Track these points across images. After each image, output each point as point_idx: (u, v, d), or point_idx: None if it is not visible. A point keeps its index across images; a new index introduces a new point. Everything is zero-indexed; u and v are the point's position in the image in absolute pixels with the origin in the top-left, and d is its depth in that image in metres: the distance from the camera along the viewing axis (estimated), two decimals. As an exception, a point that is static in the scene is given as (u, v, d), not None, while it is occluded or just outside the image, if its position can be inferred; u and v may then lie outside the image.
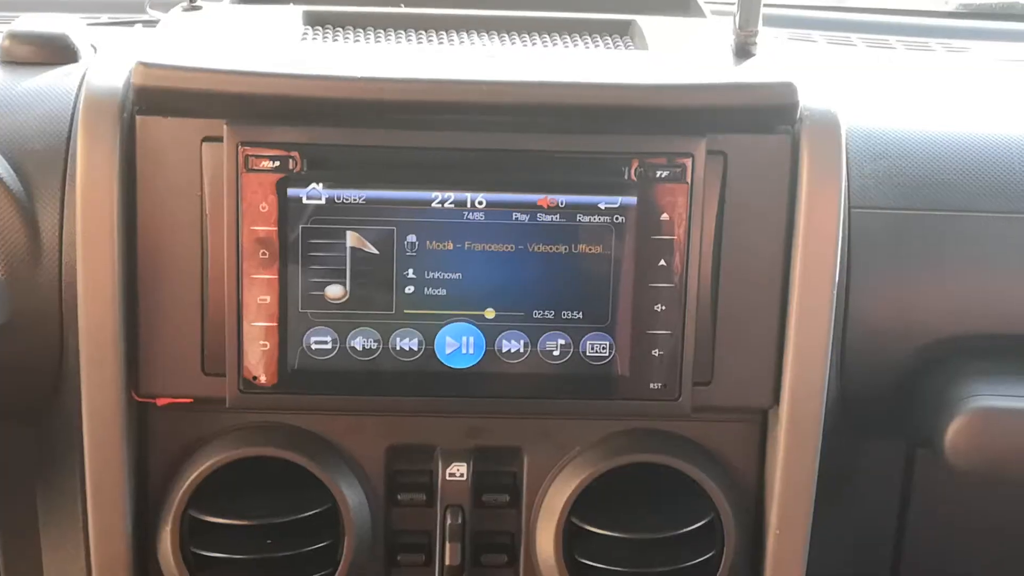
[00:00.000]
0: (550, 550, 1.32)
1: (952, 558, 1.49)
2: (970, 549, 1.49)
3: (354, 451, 1.33)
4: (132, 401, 1.28)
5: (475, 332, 1.26)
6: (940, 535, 1.48)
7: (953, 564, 1.49)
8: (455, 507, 1.34)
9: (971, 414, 1.26)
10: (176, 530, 1.29)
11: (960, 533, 1.48)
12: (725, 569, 1.31)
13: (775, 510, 1.31)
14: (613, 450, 1.32)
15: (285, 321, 1.25)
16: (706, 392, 1.30)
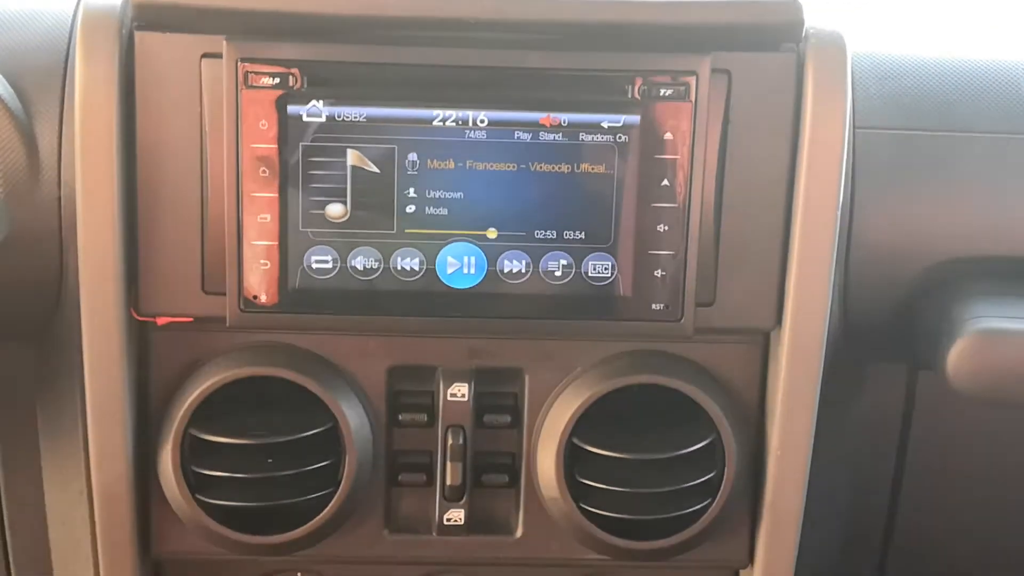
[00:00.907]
0: (551, 470, 1.32)
1: (953, 478, 1.49)
2: (970, 470, 1.49)
3: (355, 371, 1.33)
4: (132, 320, 1.28)
5: (476, 252, 1.26)
6: (941, 457, 1.48)
7: (954, 484, 1.49)
8: (456, 427, 1.34)
9: (974, 336, 1.26)
10: (177, 449, 1.29)
11: (961, 454, 1.49)
12: (726, 490, 1.32)
13: (776, 431, 1.31)
14: (615, 371, 1.32)
15: (285, 240, 1.24)
16: (708, 313, 1.29)
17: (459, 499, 1.35)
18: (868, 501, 1.48)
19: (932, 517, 1.51)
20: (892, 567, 1.52)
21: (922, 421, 1.45)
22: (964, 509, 1.51)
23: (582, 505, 1.32)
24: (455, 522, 1.36)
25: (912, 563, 1.53)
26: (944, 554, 1.55)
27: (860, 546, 1.51)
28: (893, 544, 1.50)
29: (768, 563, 1.36)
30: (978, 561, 1.55)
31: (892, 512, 1.49)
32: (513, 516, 1.38)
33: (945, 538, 1.52)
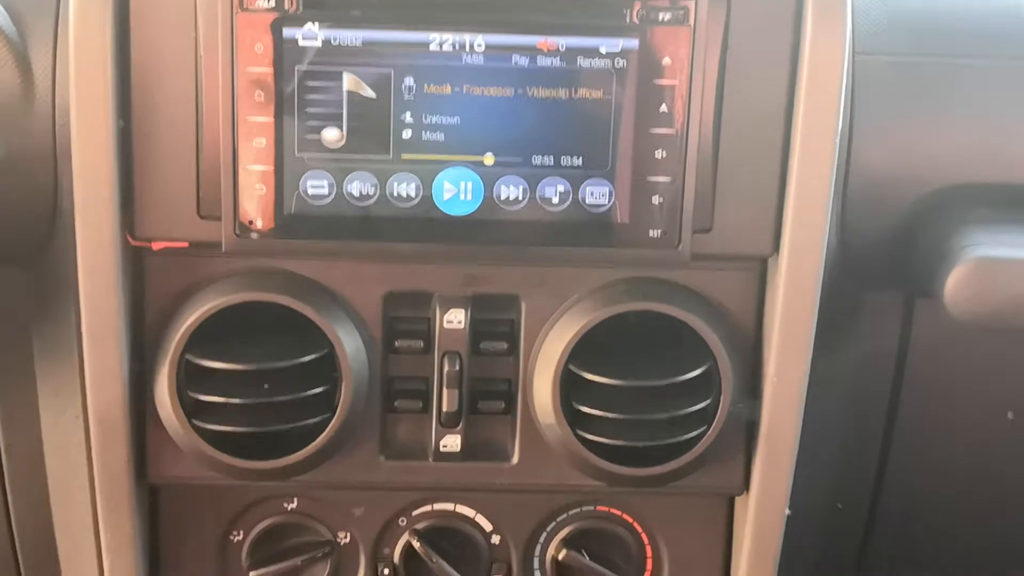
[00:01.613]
0: (547, 397, 1.32)
1: (949, 405, 1.49)
2: (968, 396, 1.49)
3: (351, 297, 1.33)
4: (127, 245, 1.27)
5: (474, 178, 1.25)
6: (937, 385, 1.48)
7: (951, 411, 1.49)
8: (452, 354, 1.34)
9: (971, 263, 1.26)
10: (173, 374, 1.28)
11: (958, 382, 1.49)
12: (722, 417, 1.32)
13: (773, 358, 1.31)
14: (611, 298, 1.32)
15: (281, 165, 1.23)
16: (706, 240, 1.29)
17: (455, 425, 1.36)
18: (864, 430, 1.48)
19: (928, 447, 1.51)
20: (887, 496, 1.53)
21: (919, 350, 1.45)
22: (960, 439, 1.52)
23: (578, 432, 1.32)
24: (451, 448, 1.36)
25: (907, 493, 1.53)
26: (939, 485, 1.55)
27: (855, 476, 1.51)
28: (888, 473, 1.51)
29: (763, 490, 1.37)
30: (973, 492, 1.56)
31: (887, 440, 1.49)
32: (509, 443, 1.38)
33: (940, 468, 1.53)
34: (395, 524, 1.43)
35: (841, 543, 1.56)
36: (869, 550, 1.58)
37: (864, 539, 1.57)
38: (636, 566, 1.46)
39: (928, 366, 1.46)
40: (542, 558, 1.45)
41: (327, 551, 1.42)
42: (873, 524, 1.56)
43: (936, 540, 1.60)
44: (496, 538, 1.44)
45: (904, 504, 1.54)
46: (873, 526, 1.56)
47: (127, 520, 1.35)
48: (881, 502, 1.53)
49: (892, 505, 1.53)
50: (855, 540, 1.56)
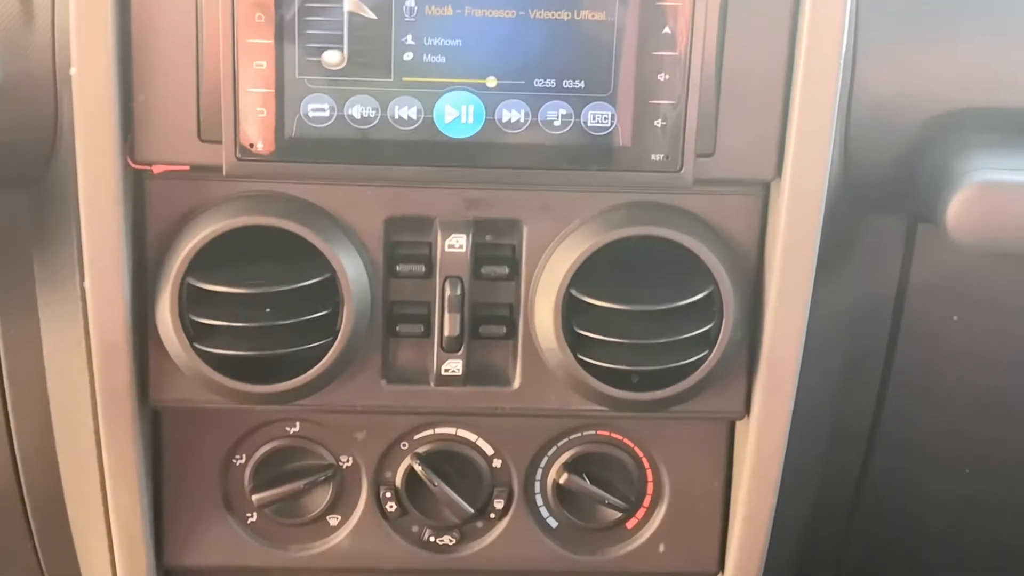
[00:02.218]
0: (549, 321, 1.32)
1: (951, 331, 1.49)
2: (970, 322, 1.49)
3: (353, 222, 1.32)
4: (128, 168, 1.27)
5: (475, 101, 1.24)
6: (939, 310, 1.48)
7: (952, 336, 1.49)
8: (454, 279, 1.34)
9: (975, 187, 1.25)
10: (175, 297, 1.28)
11: (960, 307, 1.48)
12: (723, 341, 1.32)
13: (775, 283, 1.31)
14: (613, 223, 1.31)
15: (282, 87, 1.23)
16: (708, 164, 1.28)
17: (457, 350, 1.36)
18: (865, 354, 1.49)
19: (929, 372, 1.51)
20: (886, 423, 1.53)
21: (920, 276, 1.45)
22: (961, 365, 1.52)
23: (580, 356, 1.32)
24: (453, 373, 1.37)
25: (906, 419, 1.53)
26: (939, 414, 1.56)
27: (855, 400, 1.51)
28: (888, 397, 1.51)
29: (764, 414, 1.37)
30: (974, 421, 1.56)
31: (888, 366, 1.49)
32: (511, 367, 1.39)
33: (942, 391, 1.53)
34: (397, 448, 1.44)
35: (843, 469, 1.57)
36: (869, 476, 1.58)
37: (864, 466, 1.58)
38: (637, 490, 1.47)
39: (931, 289, 1.46)
40: (543, 482, 1.46)
41: (329, 475, 1.43)
42: (873, 453, 1.56)
43: (936, 468, 1.61)
44: (497, 462, 1.45)
45: (905, 429, 1.55)
46: (873, 455, 1.56)
47: (130, 443, 1.35)
48: (883, 426, 1.53)
49: (894, 429, 1.53)
50: (857, 463, 1.56)
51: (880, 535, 1.65)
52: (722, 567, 1.49)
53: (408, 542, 1.47)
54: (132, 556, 1.42)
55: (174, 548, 1.45)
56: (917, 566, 1.71)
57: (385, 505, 1.45)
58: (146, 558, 1.42)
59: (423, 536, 1.47)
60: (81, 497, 1.48)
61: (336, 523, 1.46)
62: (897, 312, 1.46)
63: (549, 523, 1.48)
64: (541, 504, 1.47)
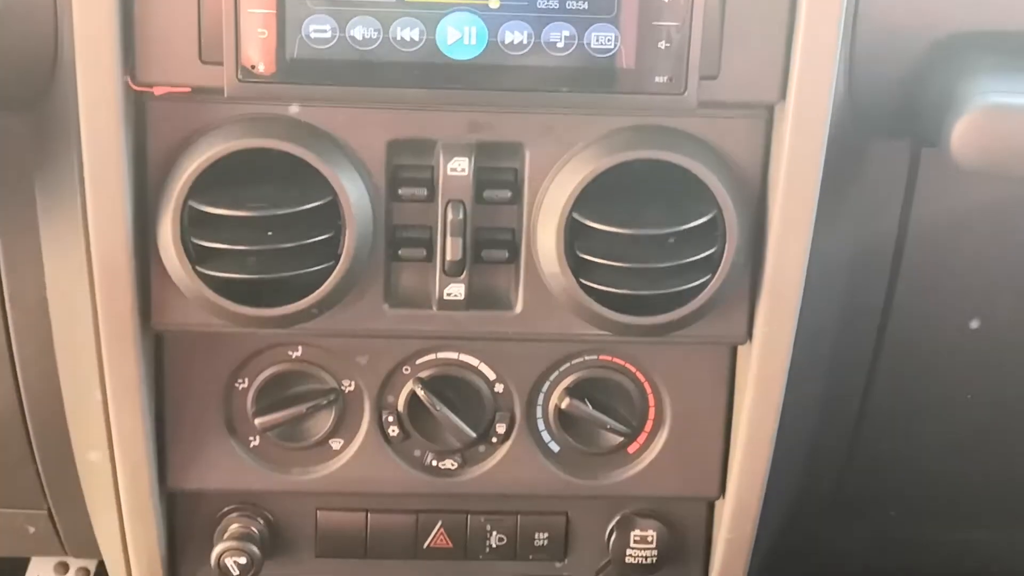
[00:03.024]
0: (551, 245, 1.31)
1: (954, 258, 1.49)
2: (973, 247, 1.49)
3: (355, 144, 1.32)
4: (129, 90, 1.26)
5: (477, 22, 1.23)
6: (941, 236, 1.47)
7: (955, 263, 1.49)
8: (456, 202, 1.33)
9: (980, 110, 1.24)
10: (176, 220, 1.28)
11: (963, 235, 1.48)
12: (726, 265, 1.31)
13: (778, 206, 1.31)
14: (616, 146, 1.31)
15: (283, 8, 1.22)
16: (712, 86, 1.28)
17: (459, 274, 1.36)
18: (867, 279, 1.48)
19: (932, 299, 1.51)
20: (888, 350, 1.53)
21: (925, 198, 1.44)
22: (965, 292, 1.51)
23: (582, 280, 1.32)
24: (455, 297, 1.36)
25: (908, 346, 1.53)
26: (941, 341, 1.56)
27: (857, 326, 1.51)
28: (891, 324, 1.51)
29: (766, 339, 1.37)
30: (976, 349, 1.56)
31: (891, 291, 1.49)
32: (513, 292, 1.38)
33: (944, 317, 1.53)
34: (399, 373, 1.44)
35: (844, 396, 1.57)
36: (871, 404, 1.59)
37: (864, 394, 1.58)
38: (638, 415, 1.47)
39: (934, 216, 1.45)
40: (545, 407, 1.46)
41: (332, 399, 1.43)
42: (874, 380, 1.56)
43: (938, 396, 1.61)
44: (499, 387, 1.45)
45: (907, 356, 1.55)
46: (874, 383, 1.57)
47: (132, 367, 1.35)
48: (884, 353, 1.53)
49: (896, 357, 1.53)
50: (858, 391, 1.56)
51: (880, 463, 1.65)
52: (723, 492, 1.49)
53: (410, 466, 1.47)
54: (135, 479, 1.42)
55: (177, 471, 1.46)
56: (917, 494, 1.71)
57: (387, 429, 1.45)
58: (149, 481, 1.42)
59: (425, 460, 1.47)
60: (84, 421, 1.48)
61: (338, 447, 1.46)
62: (900, 238, 1.45)
63: (551, 447, 1.48)
64: (543, 429, 1.47)
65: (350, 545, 1.51)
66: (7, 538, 1.70)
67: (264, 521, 1.50)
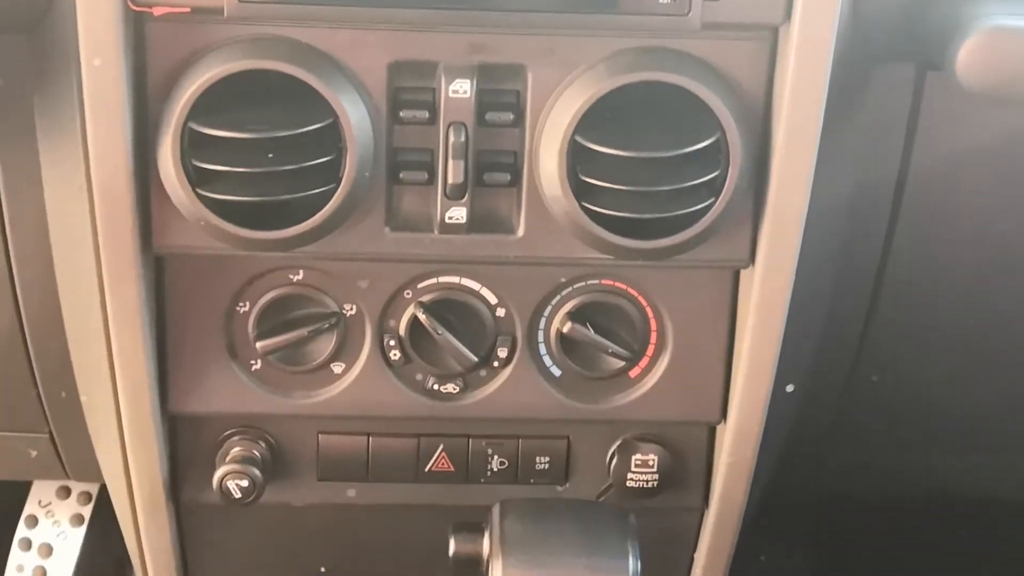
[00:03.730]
0: (553, 168, 1.31)
1: (958, 180, 1.48)
2: (977, 171, 1.48)
3: (355, 66, 1.31)
4: (128, 10, 1.25)
5: (479, -59, 1.22)
6: (945, 165, 1.47)
7: (959, 185, 1.48)
8: (458, 124, 1.33)
9: (985, 32, 1.23)
10: (176, 142, 1.27)
11: (967, 163, 1.47)
12: (729, 188, 1.31)
13: (782, 129, 1.30)
14: (620, 68, 1.30)
15: None
16: (716, 7, 1.27)
17: (460, 197, 1.35)
18: (871, 203, 1.48)
19: (935, 221, 1.50)
20: (891, 274, 1.53)
21: (930, 121, 1.43)
22: (969, 214, 1.51)
23: (584, 204, 1.31)
24: (456, 220, 1.36)
25: (912, 269, 1.53)
26: (945, 262, 1.55)
27: (860, 249, 1.51)
28: (895, 247, 1.50)
29: (769, 263, 1.37)
30: (979, 269, 1.56)
31: (894, 215, 1.49)
32: (515, 215, 1.38)
33: (948, 239, 1.52)
34: (400, 297, 1.44)
35: (846, 319, 1.57)
36: (873, 326, 1.58)
37: (867, 316, 1.58)
38: (640, 340, 1.47)
39: (937, 139, 1.45)
40: (546, 331, 1.46)
41: (333, 323, 1.43)
42: (877, 303, 1.56)
43: (941, 318, 1.61)
44: (501, 311, 1.45)
45: (911, 278, 1.54)
46: (877, 305, 1.56)
47: (133, 289, 1.35)
48: (888, 276, 1.53)
49: (899, 279, 1.53)
50: (860, 313, 1.56)
51: (881, 389, 1.65)
52: (724, 417, 1.49)
53: (412, 390, 1.47)
54: (136, 402, 1.42)
55: (178, 394, 1.46)
56: (918, 419, 1.72)
57: (389, 353, 1.45)
58: (150, 404, 1.43)
59: (427, 384, 1.48)
60: (85, 344, 1.48)
61: (340, 371, 1.46)
62: (905, 161, 1.45)
63: (552, 372, 1.48)
64: (544, 353, 1.47)
65: (351, 468, 1.52)
66: (9, 461, 1.70)
67: (266, 445, 1.50)
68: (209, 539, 1.59)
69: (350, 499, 1.54)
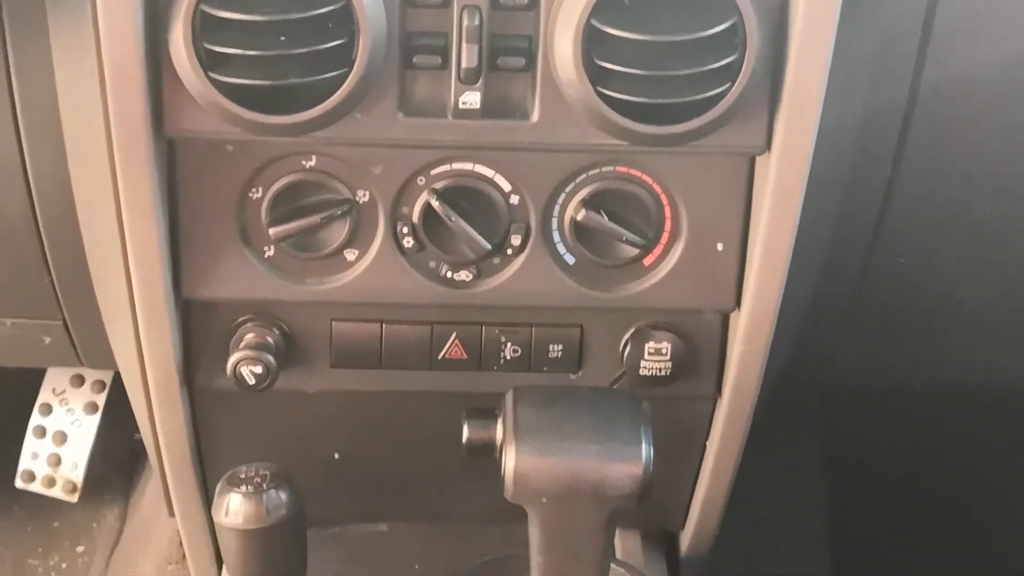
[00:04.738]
0: (568, 52, 1.29)
1: (978, 64, 1.47)
2: (996, 53, 1.46)
3: None
4: None
5: None
6: (965, 41, 1.45)
7: (979, 69, 1.47)
8: (472, 7, 1.31)
9: None
10: (188, 24, 1.26)
11: (987, 40, 1.46)
12: (746, 73, 1.29)
13: (800, 13, 1.29)
14: (637, -50, 1.28)
15: None
16: None
17: (474, 82, 1.34)
18: (890, 82, 1.46)
19: (954, 102, 1.49)
20: (908, 157, 1.52)
21: (947, 9, 1.42)
22: (987, 97, 1.49)
23: (599, 88, 1.30)
24: (470, 105, 1.35)
25: (931, 149, 1.52)
26: (963, 146, 1.54)
27: (877, 135, 1.49)
28: (911, 134, 1.49)
29: (785, 149, 1.36)
30: (998, 155, 1.54)
31: (913, 93, 1.47)
32: (529, 101, 1.37)
33: (967, 120, 1.51)
34: (414, 183, 1.43)
35: (862, 207, 1.56)
36: (888, 215, 1.57)
37: (883, 204, 1.57)
38: (654, 227, 1.46)
39: (956, 24, 1.43)
40: (560, 218, 1.45)
41: (346, 209, 1.42)
42: (893, 189, 1.55)
43: (958, 205, 1.60)
44: (515, 198, 1.44)
45: (927, 162, 1.53)
46: (892, 192, 1.55)
47: (145, 173, 1.35)
48: (905, 160, 1.51)
49: (916, 162, 1.52)
50: (876, 201, 1.55)
51: (897, 278, 1.65)
52: (738, 304, 1.49)
53: (425, 277, 1.47)
54: (149, 287, 1.42)
55: (191, 280, 1.45)
56: (933, 310, 1.71)
57: (402, 240, 1.45)
58: (164, 289, 1.42)
59: (440, 272, 1.47)
60: (97, 230, 1.48)
61: (353, 258, 1.46)
62: (923, 42, 1.43)
63: (566, 260, 1.47)
64: (558, 241, 1.46)
65: (365, 356, 1.52)
66: (23, 348, 1.71)
67: (279, 331, 1.50)
68: (223, 426, 1.59)
69: (363, 386, 1.54)
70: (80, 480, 2.21)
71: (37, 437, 2.19)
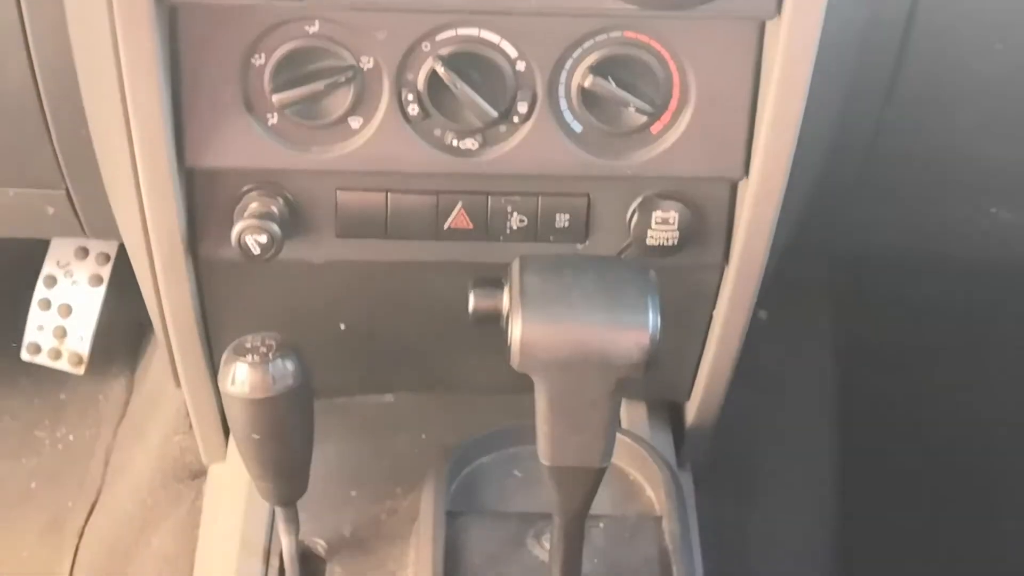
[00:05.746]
0: None
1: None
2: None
3: None
4: None
5: None
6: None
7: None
8: None
9: None
10: None
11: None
12: None
13: None
14: None
15: None
16: None
17: (480, -57, 1.32)
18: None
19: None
20: (921, 24, 1.49)
21: None
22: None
23: (608, -51, 1.28)
24: None
25: (943, 15, 1.49)
26: (975, 16, 1.52)
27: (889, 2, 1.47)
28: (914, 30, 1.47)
29: (797, 11, 1.34)
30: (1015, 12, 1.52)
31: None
32: (536, -38, 1.34)
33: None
34: (419, 49, 1.41)
35: (872, 77, 1.54)
36: (899, 86, 1.56)
37: (893, 75, 1.55)
38: (662, 94, 1.44)
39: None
40: (567, 85, 1.43)
41: (350, 76, 1.40)
42: (904, 57, 1.53)
43: (966, 79, 1.58)
44: (521, 65, 1.42)
45: (939, 30, 1.51)
46: (904, 61, 1.53)
47: (146, 37, 1.33)
48: (916, 28, 1.49)
49: (927, 33, 1.50)
50: (886, 72, 1.53)
51: (907, 146, 1.63)
52: (747, 172, 1.47)
53: (431, 145, 1.45)
54: (152, 155, 1.41)
55: (195, 148, 1.44)
56: (944, 178, 1.70)
57: (407, 108, 1.43)
58: (167, 157, 1.41)
59: (446, 140, 1.46)
60: (99, 98, 1.46)
61: (358, 125, 1.44)
62: None
63: (573, 127, 1.46)
64: (565, 108, 1.45)
65: (370, 225, 1.51)
66: (26, 218, 1.70)
67: (284, 201, 1.49)
68: (228, 297, 1.59)
69: (369, 256, 1.53)
70: (86, 352, 2.21)
71: (42, 309, 2.18)
